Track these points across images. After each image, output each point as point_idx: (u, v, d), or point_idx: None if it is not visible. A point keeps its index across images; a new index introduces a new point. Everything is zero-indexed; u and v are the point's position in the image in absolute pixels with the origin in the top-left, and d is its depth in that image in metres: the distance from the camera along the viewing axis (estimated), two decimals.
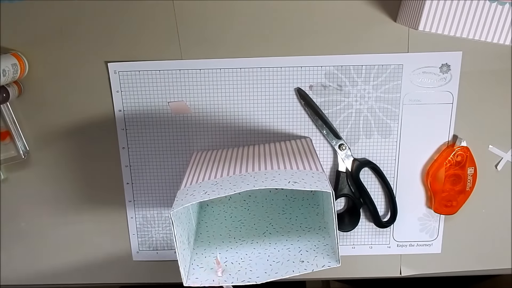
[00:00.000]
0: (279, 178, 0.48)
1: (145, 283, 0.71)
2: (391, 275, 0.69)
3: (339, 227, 0.66)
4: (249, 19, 0.59)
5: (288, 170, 0.51)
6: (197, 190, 0.50)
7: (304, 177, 0.48)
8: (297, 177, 0.48)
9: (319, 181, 0.48)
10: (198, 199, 0.47)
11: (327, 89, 0.61)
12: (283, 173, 0.50)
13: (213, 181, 0.51)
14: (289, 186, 0.46)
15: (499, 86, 0.61)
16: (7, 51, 0.60)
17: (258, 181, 0.48)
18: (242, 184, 0.48)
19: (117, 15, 0.59)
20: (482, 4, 0.49)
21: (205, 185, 0.50)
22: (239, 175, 0.51)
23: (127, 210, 0.67)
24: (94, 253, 0.69)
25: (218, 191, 0.48)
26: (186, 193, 0.50)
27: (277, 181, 0.48)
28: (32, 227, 0.68)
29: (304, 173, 0.50)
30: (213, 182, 0.51)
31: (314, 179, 0.48)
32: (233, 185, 0.48)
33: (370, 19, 0.59)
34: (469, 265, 0.69)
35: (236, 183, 0.49)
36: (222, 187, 0.49)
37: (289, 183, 0.47)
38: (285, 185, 0.47)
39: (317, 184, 0.47)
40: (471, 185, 0.64)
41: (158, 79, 0.61)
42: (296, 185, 0.46)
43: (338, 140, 0.63)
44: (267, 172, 0.51)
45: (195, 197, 0.48)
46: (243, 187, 0.47)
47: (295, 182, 0.47)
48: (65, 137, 0.64)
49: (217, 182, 0.50)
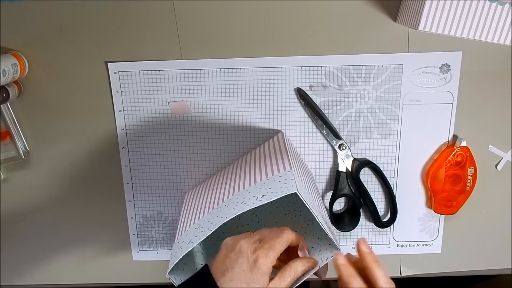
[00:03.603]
0: (248, 198, 0.48)
1: (145, 283, 0.71)
2: (391, 275, 0.69)
3: (339, 227, 0.66)
4: (249, 19, 0.59)
5: (257, 184, 0.50)
6: (184, 240, 0.50)
7: (271, 186, 0.48)
8: (265, 189, 0.48)
9: (285, 184, 0.47)
10: (184, 251, 0.47)
11: (327, 89, 0.61)
12: (253, 190, 0.49)
13: (196, 224, 0.51)
14: (257, 204, 0.46)
15: (499, 86, 0.61)
16: (7, 51, 0.60)
17: (230, 210, 0.48)
18: (217, 218, 0.48)
19: (117, 15, 0.59)
20: (482, 4, 0.49)
21: (190, 233, 0.51)
22: (216, 208, 0.51)
23: (127, 210, 0.67)
24: (94, 253, 0.69)
25: (199, 236, 0.48)
26: (177, 247, 0.50)
27: (247, 202, 0.47)
28: (32, 227, 0.68)
29: (272, 180, 0.49)
30: (196, 225, 0.51)
31: (281, 183, 0.47)
32: (210, 223, 0.48)
33: (370, 19, 0.59)
34: (469, 265, 0.69)
35: (213, 220, 0.49)
36: (202, 230, 0.49)
37: (257, 199, 0.46)
38: (253, 203, 0.46)
39: (283, 188, 0.46)
40: (471, 185, 0.64)
41: (158, 79, 0.61)
42: (264, 199, 0.46)
43: (338, 140, 0.63)
44: (239, 195, 0.50)
45: (182, 249, 0.48)
46: (218, 222, 0.47)
47: (263, 196, 0.46)
48: (65, 137, 0.64)
49: (199, 224, 0.51)
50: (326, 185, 0.66)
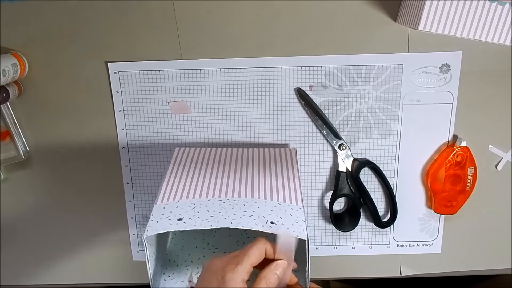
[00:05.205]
0: (257, 215, 0.47)
1: (145, 283, 0.71)
2: (391, 275, 0.69)
3: (339, 227, 0.66)
4: (249, 19, 0.59)
5: (267, 203, 0.49)
6: (174, 212, 0.48)
7: (282, 216, 0.47)
8: (275, 215, 0.47)
9: (296, 223, 0.46)
10: (174, 227, 0.45)
11: (327, 89, 0.61)
12: (262, 206, 0.48)
13: (191, 202, 0.49)
14: (266, 228, 0.45)
15: (499, 86, 0.61)
16: (7, 51, 0.60)
17: (236, 216, 0.46)
18: (220, 216, 0.46)
19: (117, 15, 0.59)
20: (482, 4, 0.49)
21: (182, 207, 0.48)
22: (217, 200, 0.49)
23: (127, 210, 0.67)
24: (94, 253, 0.69)
25: (194, 220, 0.46)
26: (163, 214, 0.48)
27: (255, 219, 0.46)
28: (32, 227, 0.68)
29: (283, 210, 0.48)
30: (191, 204, 0.49)
31: (292, 219, 0.46)
32: (211, 215, 0.47)
33: (370, 19, 0.59)
34: (469, 265, 0.69)
35: (213, 213, 0.47)
36: (199, 215, 0.47)
37: (267, 223, 0.46)
38: (262, 226, 0.45)
39: (294, 227, 0.45)
40: (471, 185, 0.64)
41: (158, 79, 0.61)
42: (273, 227, 0.45)
43: (338, 140, 0.63)
44: (246, 202, 0.49)
45: (171, 223, 0.46)
46: (220, 222, 0.46)
47: (272, 223, 0.46)
48: (65, 137, 0.64)
49: (195, 205, 0.48)
50: (326, 185, 0.66)
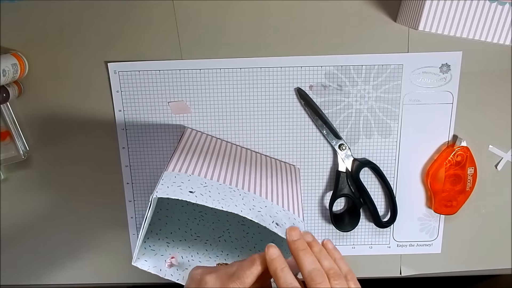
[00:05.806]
0: (264, 212, 0.47)
1: (145, 283, 0.71)
2: (391, 275, 0.69)
3: (339, 227, 0.66)
4: (249, 19, 0.59)
5: (274, 206, 0.50)
6: (185, 183, 0.47)
7: (286, 221, 0.48)
8: (280, 218, 0.48)
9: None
10: (185, 197, 0.45)
11: (327, 89, 0.61)
12: (269, 207, 0.49)
13: (203, 180, 0.49)
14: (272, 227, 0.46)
15: (499, 86, 0.61)
16: (7, 51, 0.60)
17: (246, 206, 0.47)
18: (231, 202, 0.47)
19: (117, 15, 0.59)
20: (482, 4, 0.49)
21: (194, 182, 0.48)
22: (228, 187, 0.50)
23: (127, 210, 0.67)
24: (94, 253, 0.69)
25: (206, 197, 0.46)
26: (174, 182, 0.47)
27: (263, 215, 0.47)
28: (32, 227, 0.68)
29: (287, 216, 0.49)
30: (203, 182, 0.49)
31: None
32: (222, 198, 0.47)
33: (370, 19, 0.59)
34: (469, 265, 0.69)
35: (224, 197, 0.47)
36: (210, 195, 0.47)
37: (273, 222, 0.46)
38: (269, 224, 0.46)
39: None
40: (471, 185, 0.64)
41: (158, 79, 0.61)
42: (278, 229, 0.46)
43: (338, 140, 0.63)
44: (255, 198, 0.50)
45: (182, 193, 0.46)
46: (231, 207, 0.46)
47: (277, 225, 0.46)
48: (65, 137, 0.64)
49: (206, 184, 0.49)
50: (326, 185, 0.66)
